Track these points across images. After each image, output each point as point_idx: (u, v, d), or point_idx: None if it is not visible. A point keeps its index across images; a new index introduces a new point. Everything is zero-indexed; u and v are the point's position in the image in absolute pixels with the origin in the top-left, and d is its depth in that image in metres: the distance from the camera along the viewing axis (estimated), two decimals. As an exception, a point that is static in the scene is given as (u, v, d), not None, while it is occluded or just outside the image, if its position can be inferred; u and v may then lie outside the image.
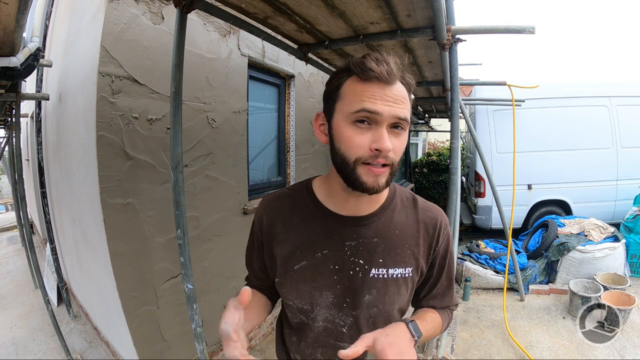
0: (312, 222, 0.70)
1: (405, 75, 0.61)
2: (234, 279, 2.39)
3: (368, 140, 0.58)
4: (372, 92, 0.58)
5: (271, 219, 0.74)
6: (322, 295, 0.70)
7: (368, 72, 0.57)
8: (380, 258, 0.69)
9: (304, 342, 0.76)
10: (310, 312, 0.72)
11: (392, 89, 0.58)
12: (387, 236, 0.70)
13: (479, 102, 4.46)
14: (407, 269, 0.70)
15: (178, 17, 1.29)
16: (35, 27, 1.73)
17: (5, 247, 5.52)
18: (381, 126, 0.58)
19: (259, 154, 2.86)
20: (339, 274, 0.69)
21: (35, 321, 3.07)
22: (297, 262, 0.70)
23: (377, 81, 0.58)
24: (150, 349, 1.80)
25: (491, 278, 3.42)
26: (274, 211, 0.74)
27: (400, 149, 0.61)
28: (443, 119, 6.24)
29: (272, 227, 0.73)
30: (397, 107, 0.58)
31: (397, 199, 0.74)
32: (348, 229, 0.69)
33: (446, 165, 7.65)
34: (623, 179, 4.49)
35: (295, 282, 0.70)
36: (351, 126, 0.59)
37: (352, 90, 0.60)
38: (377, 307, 0.70)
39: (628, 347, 2.43)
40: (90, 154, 1.62)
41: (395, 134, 0.60)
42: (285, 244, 0.71)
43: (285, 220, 0.72)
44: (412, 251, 0.71)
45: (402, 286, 0.70)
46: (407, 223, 0.72)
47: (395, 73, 0.58)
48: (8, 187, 8.78)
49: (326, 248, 0.69)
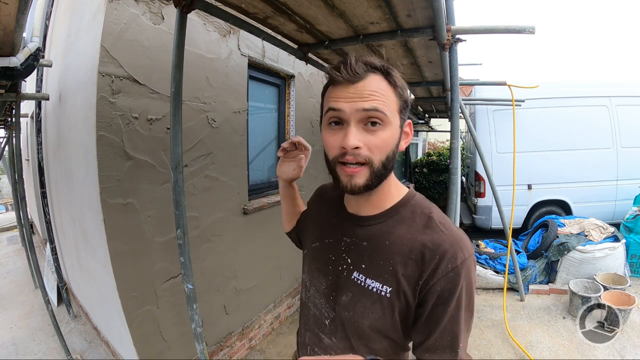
0: (333, 212, 0.78)
1: (383, 69, 0.61)
2: (234, 279, 2.39)
3: (339, 141, 0.60)
4: (337, 92, 0.61)
5: (315, 199, 0.90)
6: (318, 278, 0.75)
7: (334, 74, 0.60)
8: (363, 263, 0.66)
9: (302, 320, 0.83)
10: (309, 289, 0.78)
11: (356, 86, 0.59)
12: (376, 244, 0.66)
13: (479, 102, 4.46)
14: (385, 287, 0.62)
15: (178, 17, 1.29)
16: (35, 27, 1.73)
17: (5, 247, 5.52)
18: (347, 124, 0.59)
19: (259, 154, 2.86)
20: (332, 265, 0.72)
21: (35, 321, 3.07)
22: (315, 241, 0.79)
23: (343, 82, 0.60)
24: (150, 349, 1.80)
25: (491, 278, 3.42)
26: (321, 194, 0.89)
27: (376, 145, 0.59)
28: (443, 119, 6.24)
29: (312, 205, 0.90)
30: (362, 100, 0.58)
31: (407, 210, 0.67)
32: (347, 225, 0.72)
33: (446, 165, 7.65)
34: (623, 179, 4.49)
35: (310, 257, 0.80)
36: (327, 129, 0.63)
37: (327, 95, 0.64)
38: (349, 311, 0.67)
39: (628, 347, 2.43)
40: (90, 154, 1.62)
41: (370, 130, 0.59)
42: (313, 223, 0.84)
43: (322, 204, 0.84)
44: (395, 270, 0.62)
45: (377, 303, 0.63)
46: (404, 237, 0.63)
47: (359, 70, 0.58)
48: (8, 187, 8.78)
49: (331, 238, 0.74)
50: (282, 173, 0.91)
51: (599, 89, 4.50)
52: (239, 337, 2.46)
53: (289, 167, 0.89)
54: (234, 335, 2.40)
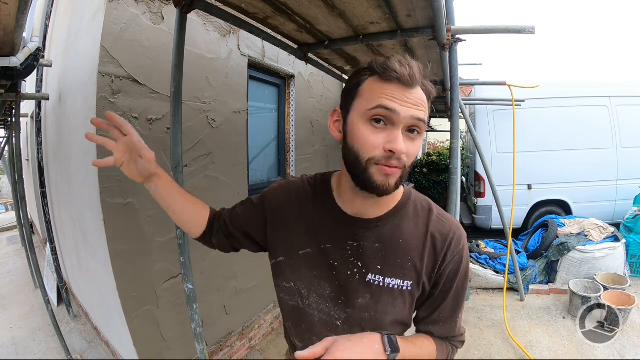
0: (323, 215, 0.72)
1: (427, 82, 0.61)
2: (234, 279, 2.39)
3: (382, 141, 0.58)
4: (392, 92, 0.57)
5: (286, 199, 0.77)
6: (320, 284, 0.72)
7: (390, 72, 0.57)
8: (378, 264, 0.67)
9: (301, 327, 0.77)
10: (306, 298, 0.73)
11: (411, 92, 0.58)
12: (390, 244, 0.68)
13: (479, 102, 4.46)
14: (407, 282, 0.67)
15: (178, 17, 1.29)
16: (35, 27, 1.73)
17: (5, 247, 5.52)
18: (397, 128, 0.58)
19: (259, 154, 2.86)
20: (337, 270, 0.70)
21: (35, 321, 3.07)
22: (303, 248, 0.72)
23: (398, 82, 0.57)
24: (150, 349, 1.80)
25: (491, 278, 3.42)
26: (292, 193, 0.77)
27: (413, 153, 0.61)
28: (443, 119, 6.23)
29: (284, 205, 0.76)
30: (415, 108, 0.58)
31: (409, 206, 0.70)
32: (352, 229, 0.69)
33: (446, 165, 7.65)
34: (623, 179, 4.49)
35: (299, 265, 0.73)
36: (367, 125, 0.59)
37: (371, 88, 0.59)
38: (369, 312, 0.69)
39: (628, 347, 2.43)
40: (90, 154, 1.62)
41: (411, 138, 0.60)
42: (294, 227, 0.74)
43: (300, 206, 0.75)
44: (415, 264, 0.67)
45: (399, 298, 0.68)
46: (414, 233, 0.68)
47: (417, 77, 0.58)
48: (8, 187, 8.78)
49: (330, 242, 0.71)
50: (134, 174, 0.79)
51: (599, 89, 4.50)
52: (239, 337, 2.46)
53: (130, 162, 0.77)
54: (234, 335, 2.40)
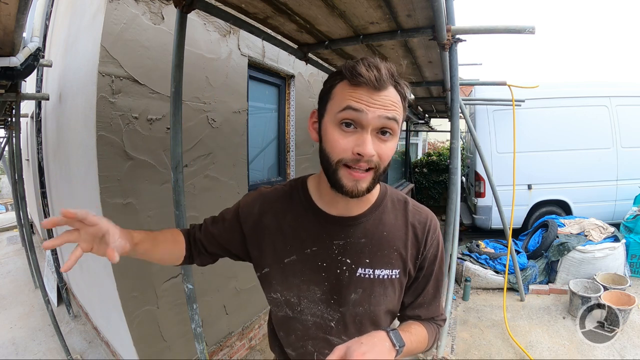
0: (304, 219, 0.72)
1: (400, 82, 0.62)
2: (234, 279, 2.39)
3: (351, 144, 0.59)
4: (359, 95, 0.59)
5: (263, 209, 0.75)
6: (309, 289, 0.73)
7: (357, 77, 0.58)
8: (367, 258, 0.70)
9: (294, 335, 0.78)
10: (297, 305, 0.74)
11: (380, 94, 0.59)
12: (375, 237, 0.71)
13: (479, 102, 4.46)
14: (394, 271, 0.71)
15: (178, 17, 1.29)
16: (35, 27, 1.73)
17: (5, 247, 5.52)
18: (366, 131, 0.59)
19: (259, 154, 2.86)
20: (326, 271, 0.71)
21: (35, 321, 3.07)
22: (287, 255, 0.73)
23: (366, 86, 0.58)
24: (150, 349, 1.80)
25: (491, 278, 3.42)
26: (268, 203, 0.76)
27: (386, 154, 0.61)
28: (443, 119, 6.24)
29: (262, 216, 0.75)
30: (384, 109, 0.59)
31: (387, 200, 0.74)
32: (337, 228, 0.71)
33: (446, 165, 7.65)
34: (623, 179, 4.49)
35: (286, 275, 0.73)
36: (337, 128, 0.60)
37: (341, 92, 0.61)
38: (363, 306, 0.71)
39: (628, 347, 2.43)
40: (90, 154, 1.62)
41: (382, 140, 0.61)
42: (276, 236, 0.73)
43: (278, 214, 0.74)
44: (400, 253, 0.71)
45: (389, 287, 0.71)
46: (396, 225, 0.72)
47: (385, 79, 0.58)
48: (8, 187, 8.78)
49: (315, 245, 0.71)
50: None
51: (599, 89, 4.50)
52: (239, 337, 2.46)
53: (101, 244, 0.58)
54: (234, 335, 2.40)
